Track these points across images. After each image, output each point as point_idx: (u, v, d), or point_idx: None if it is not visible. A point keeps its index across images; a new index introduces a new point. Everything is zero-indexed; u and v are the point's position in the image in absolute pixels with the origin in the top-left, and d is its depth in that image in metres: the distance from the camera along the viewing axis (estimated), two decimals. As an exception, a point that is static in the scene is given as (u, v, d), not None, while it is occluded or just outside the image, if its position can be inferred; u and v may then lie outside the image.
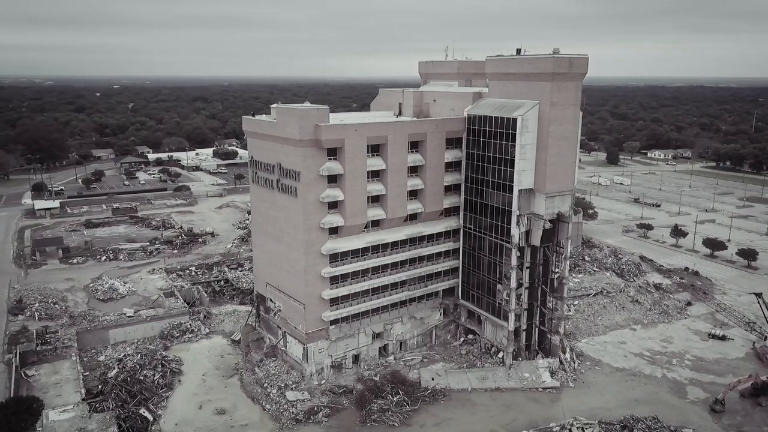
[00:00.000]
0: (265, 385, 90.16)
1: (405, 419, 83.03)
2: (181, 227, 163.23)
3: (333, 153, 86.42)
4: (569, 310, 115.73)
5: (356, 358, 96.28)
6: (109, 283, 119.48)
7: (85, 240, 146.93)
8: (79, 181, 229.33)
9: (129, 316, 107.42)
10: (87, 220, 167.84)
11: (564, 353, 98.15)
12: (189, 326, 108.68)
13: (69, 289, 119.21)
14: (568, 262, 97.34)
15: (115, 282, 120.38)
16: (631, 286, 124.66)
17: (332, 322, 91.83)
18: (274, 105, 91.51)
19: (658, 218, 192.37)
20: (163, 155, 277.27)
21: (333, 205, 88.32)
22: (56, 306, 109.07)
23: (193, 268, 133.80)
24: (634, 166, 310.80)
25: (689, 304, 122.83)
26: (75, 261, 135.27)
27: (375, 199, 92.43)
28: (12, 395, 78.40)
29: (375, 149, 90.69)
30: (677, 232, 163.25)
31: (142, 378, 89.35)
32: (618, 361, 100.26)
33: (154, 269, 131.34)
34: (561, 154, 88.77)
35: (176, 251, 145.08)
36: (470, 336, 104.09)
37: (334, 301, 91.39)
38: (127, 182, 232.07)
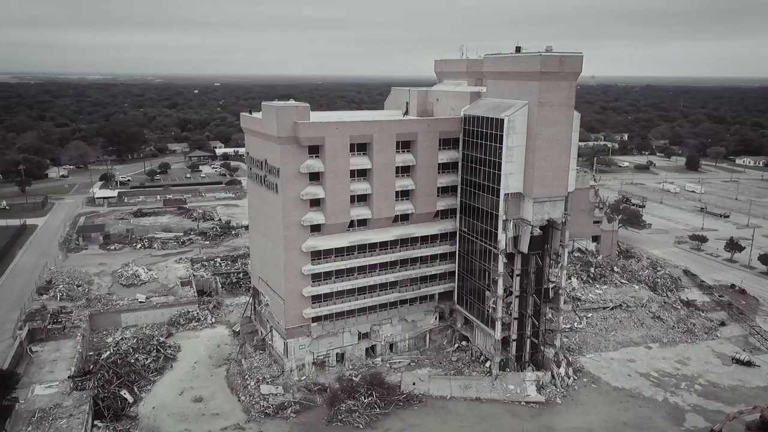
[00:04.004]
0: (246, 377, 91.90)
1: (371, 422, 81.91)
2: (219, 219, 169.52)
3: (315, 150, 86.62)
4: (580, 323, 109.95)
5: (342, 357, 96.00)
6: (133, 270, 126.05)
7: (127, 228, 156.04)
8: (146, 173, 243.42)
9: (140, 302, 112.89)
10: (138, 210, 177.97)
11: (558, 367, 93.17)
12: (196, 315, 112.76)
13: (98, 273, 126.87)
14: (565, 272, 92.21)
15: (139, 269, 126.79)
16: (654, 301, 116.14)
17: (314, 320, 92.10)
18: (265, 102, 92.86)
19: (722, 230, 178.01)
20: (230, 150, 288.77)
21: (315, 203, 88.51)
22: (79, 288, 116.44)
23: (219, 260, 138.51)
24: (716, 173, 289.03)
25: (723, 324, 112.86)
26: (113, 247, 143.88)
27: (362, 198, 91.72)
28: (6, 368, 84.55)
29: (362, 148, 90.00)
30: (733, 245, 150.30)
31: (132, 361, 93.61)
32: (618, 380, 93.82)
33: (180, 258, 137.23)
34: (551, 157, 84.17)
35: (208, 242, 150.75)
36: (464, 343, 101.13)
37: (316, 299, 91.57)
38: (188, 175, 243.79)
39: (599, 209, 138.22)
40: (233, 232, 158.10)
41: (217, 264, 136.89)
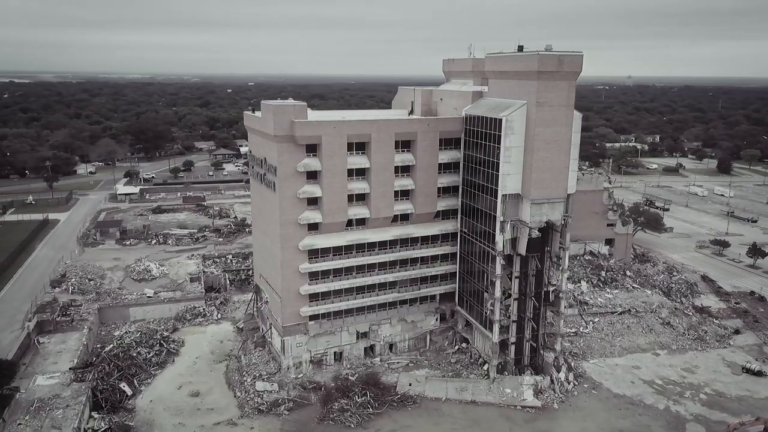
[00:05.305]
0: (244, 373, 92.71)
1: (363, 422, 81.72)
2: (235, 217, 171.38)
3: (312, 149, 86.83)
4: (586, 327, 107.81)
5: (340, 356, 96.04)
6: (145, 265, 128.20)
7: (144, 224, 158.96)
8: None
9: (148, 297, 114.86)
10: (157, 207, 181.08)
11: (558, 372, 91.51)
12: (202, 311, 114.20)
13: (112, 267, 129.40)
14: (566, 275, 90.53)
15: (151, 264, 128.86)
16: (665, 306, 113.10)
17: (311, 318, 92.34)
18: (264, 101, 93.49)
19: (747, 235, 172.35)
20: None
21: (312, 202, 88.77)
22: (91, 282, 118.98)
23: (230, 257, 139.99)
24: (749, 176, 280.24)
25: (737, 332, 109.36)
26: (128, 243, 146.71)
27: (360, 198, 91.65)
28: (11, 358, 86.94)
29: (360, 147, 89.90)
30: (755, 251, 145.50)
31: (134, 355, 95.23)
32: (620, 387, 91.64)
33: (193, 255, 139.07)
34: (549, 158, 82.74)
35: (221, 239, 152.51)
36: (464, 345, 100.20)
37: (314, 297, 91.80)
38: (211, 173, 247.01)
39: (613, 212, 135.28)
40: (247, 230, 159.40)
41: (228, 261, 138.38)
